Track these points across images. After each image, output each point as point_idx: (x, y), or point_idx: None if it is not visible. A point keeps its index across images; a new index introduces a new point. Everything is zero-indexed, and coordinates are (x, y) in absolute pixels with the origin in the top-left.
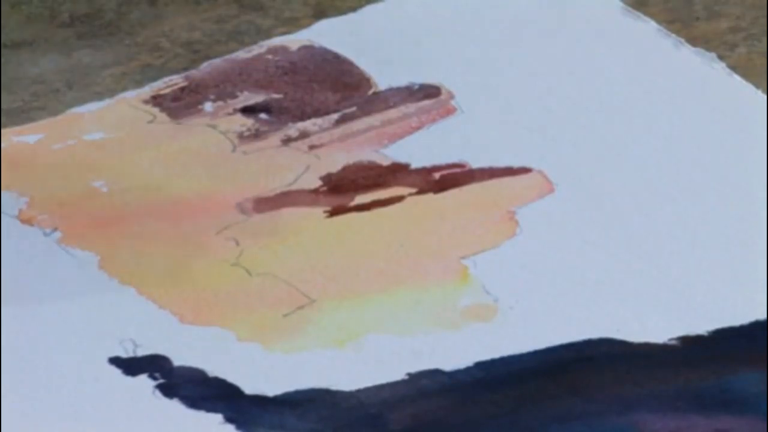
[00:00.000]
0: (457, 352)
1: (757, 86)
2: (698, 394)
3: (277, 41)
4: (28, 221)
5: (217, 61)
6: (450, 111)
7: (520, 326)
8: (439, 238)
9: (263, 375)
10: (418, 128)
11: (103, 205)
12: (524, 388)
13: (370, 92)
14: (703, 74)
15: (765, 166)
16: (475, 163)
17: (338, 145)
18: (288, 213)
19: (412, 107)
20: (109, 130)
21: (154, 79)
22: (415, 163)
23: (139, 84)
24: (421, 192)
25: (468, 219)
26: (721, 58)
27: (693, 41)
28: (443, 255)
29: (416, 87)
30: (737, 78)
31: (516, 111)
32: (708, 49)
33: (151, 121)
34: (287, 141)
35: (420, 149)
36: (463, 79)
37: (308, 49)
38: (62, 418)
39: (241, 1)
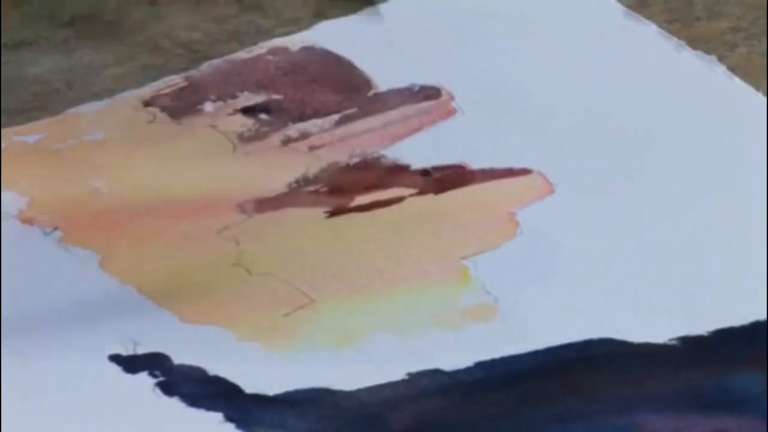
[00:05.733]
0: (457, 352)
1: (757, 86)
2: (698, 394)
3: (277, 42)
4: (28, 221)
5: (217, 61)
6: (450, 112)
7: (520, 326)
8: (439, 239)
9: (263, 374)
10: (418, 129)
11: (103, 205)
12: (524, 388)
13: (371, 93)
14: (703, 77)
15: (765, 167)
16: (476, 165)
17: (338, 146)
18: (288, 213)
19: (412, 108)
20: (109, 130)
21: (154, 79)
22: (416, 164)
23: (139, 84)
24: (421, 193)
25: (468, 220)
26: (721, 58)
27: (693, 41)
28: (443, 255)
29: (416, 88)
30: (737, 80)
31: (516, 113)
32: (708, 49)
33: (151, 121)
34: (287, 141)
35: (420, 150)
36: (464, 80)
37: (309, 50)
38: (62, 416)
39: (241, 1)
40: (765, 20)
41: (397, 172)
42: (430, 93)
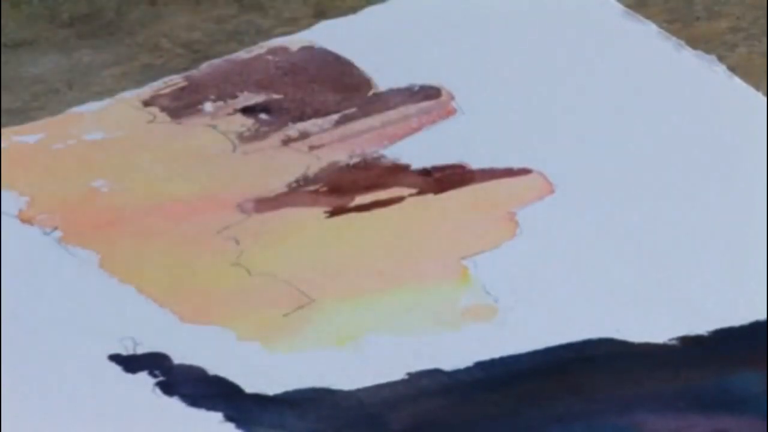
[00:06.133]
0: (457, 352)
1: (757, 86)
2: (698, 394)
3: (277, 42)
4: (28, 221)
5: (217, 61)
6: (450, 112)
7: (520, 326)
8: (439, 239)
9: (263, 374)
10: (418, 129)
11: (103, 205)
12: (524, 388)
13: (371, 93)
14: (703, 77)
15: (765, 167)
16: (476, 164)
17: (338, 146)
18: (288, 213)
19: (412, 108)
20: (109, 130)
21: (154, 79)
22: (416, 164)
23: (139, 84)
24: (421, 193)
25: (468, 220)
26: (721, 58)
27: (693, 41)
28: (443, 255)
29: (416, 88)
30: (737, 80)
31: (516, 112)
32: (708, 49)
33: (151, 121)
34: (287, 141)
35: (420, 150)
36: (464, 80)
37: (308, 50)
38: (62, 416)
39: (241, 1)
40: (765, 20)
41: (397, 172)
42: (430, 93)
